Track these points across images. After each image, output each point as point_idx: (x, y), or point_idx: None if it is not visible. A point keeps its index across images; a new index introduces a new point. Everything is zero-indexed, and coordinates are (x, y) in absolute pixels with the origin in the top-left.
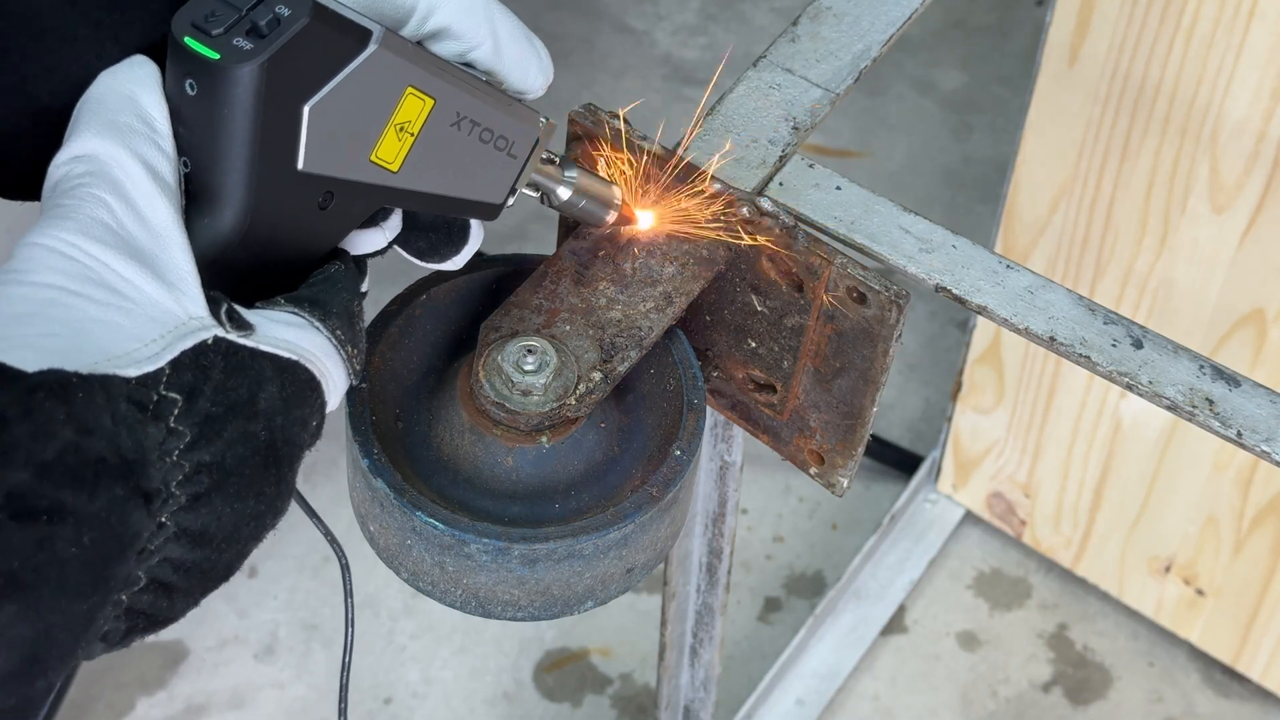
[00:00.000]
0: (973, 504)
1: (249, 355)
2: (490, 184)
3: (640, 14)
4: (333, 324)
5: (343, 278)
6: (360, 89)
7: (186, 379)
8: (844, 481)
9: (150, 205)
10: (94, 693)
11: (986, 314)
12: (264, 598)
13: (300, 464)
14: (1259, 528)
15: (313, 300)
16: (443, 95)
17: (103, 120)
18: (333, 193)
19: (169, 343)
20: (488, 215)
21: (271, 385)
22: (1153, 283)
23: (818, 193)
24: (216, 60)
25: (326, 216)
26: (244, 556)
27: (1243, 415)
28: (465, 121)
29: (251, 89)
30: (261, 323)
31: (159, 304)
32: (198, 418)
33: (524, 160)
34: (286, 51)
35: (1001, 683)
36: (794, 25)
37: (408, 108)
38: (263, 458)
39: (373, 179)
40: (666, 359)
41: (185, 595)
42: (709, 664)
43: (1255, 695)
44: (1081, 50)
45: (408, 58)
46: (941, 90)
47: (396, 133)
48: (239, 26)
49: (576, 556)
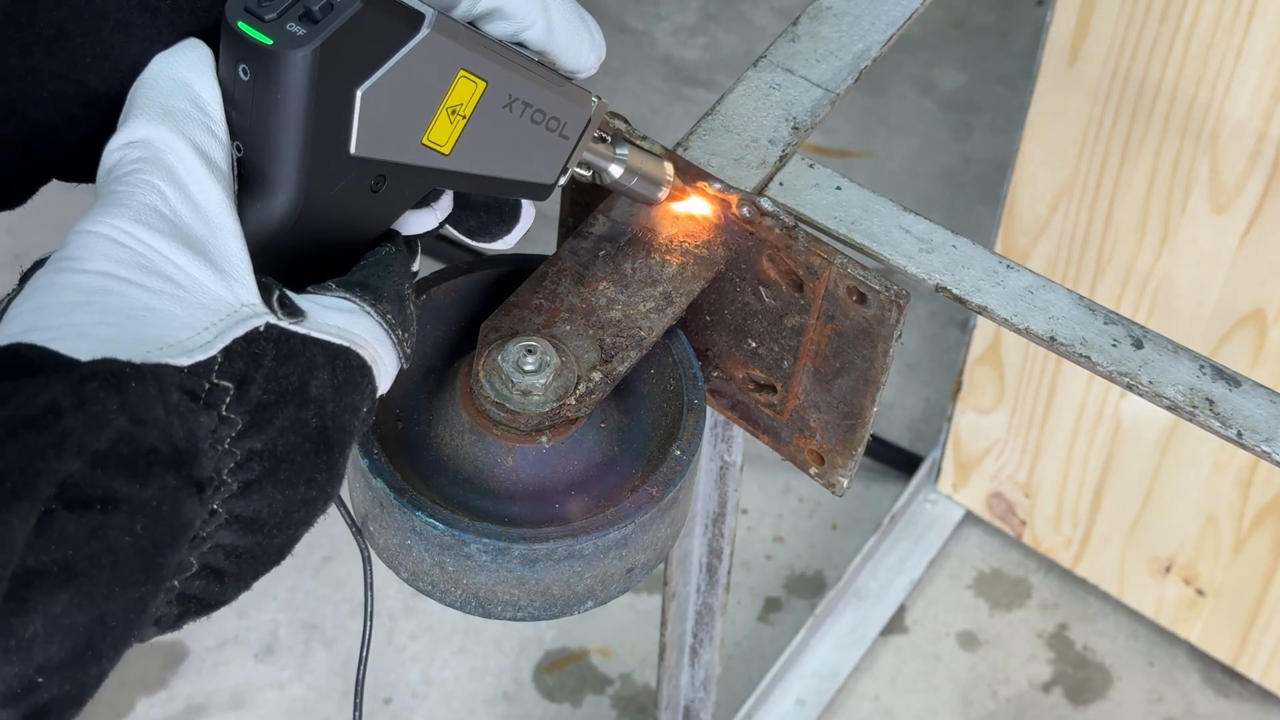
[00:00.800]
0: (973, 504)
1: (300, 342)
2: (542, 164)
3: (640, 14)
4: (384, 308)
5: (394, 260)
6: (413, 73)
7: (239, 367)
8: (844, 481)
9: (203, 191)
10: None
11: (986, 314)
12: (264, 598)
13: (350, 449)
14: (1259, 528)
15: (364, 284)
16: (495, 78)
17: (156, 105)
18: (385, 176)
19: (221, 330)
20: (540, 195)
21: (323, 372)
22: (1153, 283)
23: (818, 193)
24: (270, 45)
25: (379, 199)
26: (295, 541)
27: (1243, 415)
28: (518, 103)
29: (305, 75)
30: (313, 309)
31: (211, 291)
32: (250, 405)
33: (576, 140)
34: (339, 37)
35: (1001, 683)
36: (794, 25)
37: (460, 90)
38: (314, 445)
39: (425, 161)
40: (666, 359)
41: (237, 580)
42: (709, 664)
43: (1255, 695)
44: (1081, 50)
45: (460, 41)
46: (941, 90)
47: (449, 115)
48: (292, 11)
49: (576, 556)
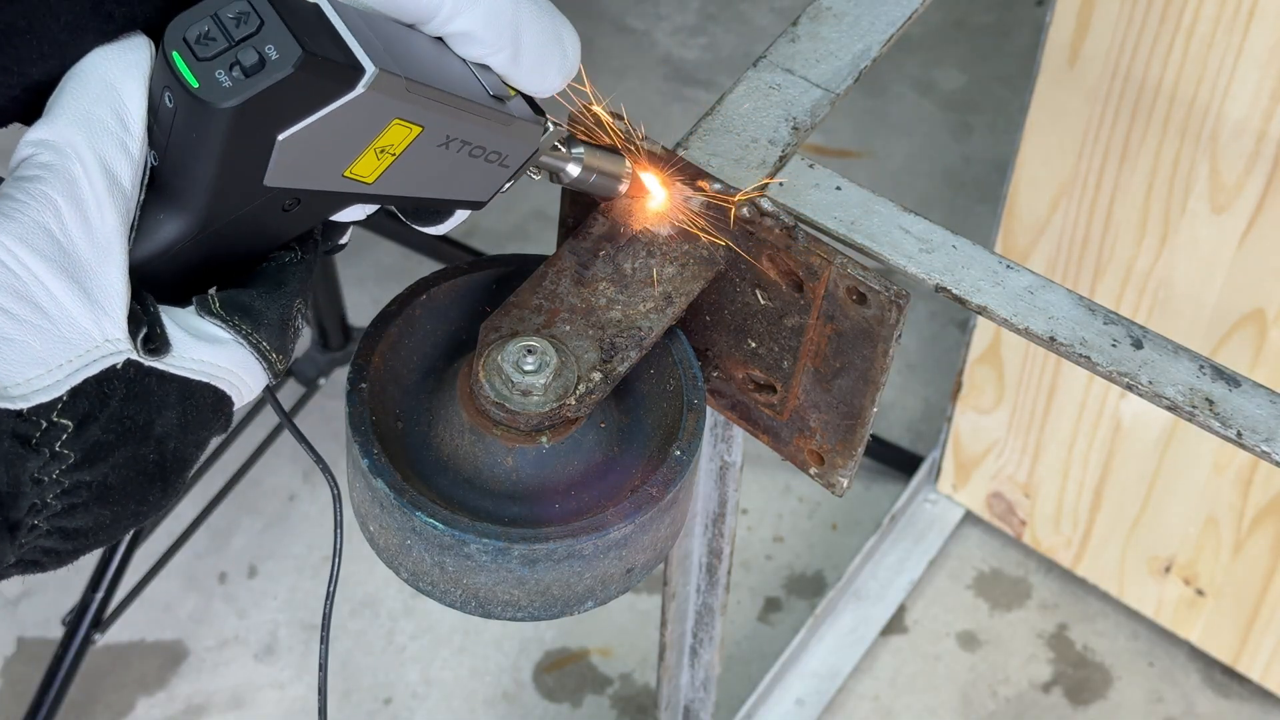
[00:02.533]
0: (973, 504)
1: (156, 380)
2: (476, 187)
3: (640, 14)
4: (260, 336)
5: (292, 273)
6: (340, 122)
7: (83, 406)
8: (844, 482)
9: (100, 212)
10: (94, 693)
11: (986, 314)
12: (264, 598)
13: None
14: (1259, 528)
15: (246, 308)
16: (432, 123)
17: (78, 109)
18: (300, 199)
19: (74, 369)
20: (472, 208)
21: (173, 410)
22: (1153, 283)
23: (818, 193)
24: (194, 88)
25: (291, 217)
26: (121, 536)
27: (1243, 415)
28: (455, 142)
29: (222, 127)
30: (181, 340)
31: (77, 324)
32: (86, 444)
33: (516, 169)
34: (263, 96)
35: (1001, 683)
36: (794, 25)
37: (392, 134)
38: (149, 475)
39: (344, 189)
40: (666, 359)
41: (56, 565)
42: (709, 664)
43: (1255, 695)
44: (1081, 50)
45: (398, 96)
46: (941, 90)
47: (376, 154)
48: (224, 58)
49: (576, 557)
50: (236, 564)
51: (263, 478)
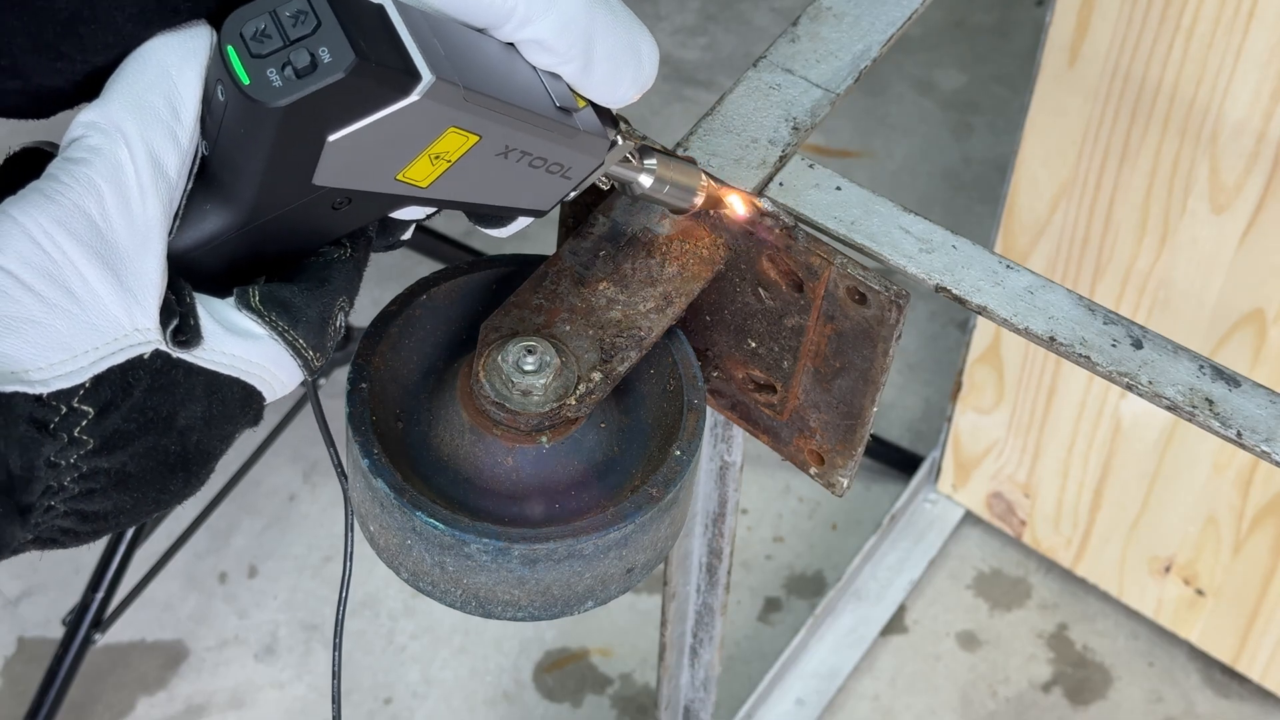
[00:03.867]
0: (973, 504)
1: (183, 372)
2: (536, 197)
3: (640, 14)
4: (298, 333)
5: (338, 271)
6: (393, 128)
7: (105, 394)
8: (844, 481)
9: (143, 200)
10: (94, 693)
11: (986, 314)
12: (264, 598)
13: (217, 462)
14: (1259, 528)
15: (286, 303)
16: (490, 133)
17: (132, 93)
18: (350, 199)
19: (99, 357)
20: (535, 215)
21: (198, 404)
22: (1153, 283)
23: (818, 193)
24: (245, 85)
25: (341, 215)
26: (145, 519)
27: (1243, 415)
28: (514, 152)
29: (271, 125)
30: (214, 333)
31: (108, 312)
32: (106, 431)
33: (580, 180)
34: (313, 99)
35: (1001, 683)
36: (794, 25)
37: (447, 141)
38: (170, 466)
39: (397, 191)
40: (666, 359)
41: (76, 544)
42: (709, 664)
43: (1255, 695)
44: (1081, 50)
45: (454, 105)
46: (941, 90)
47: (431, 160)
48: (278, 57)
49: (576, 556)
50: (236, 564)
51: (263, 478)
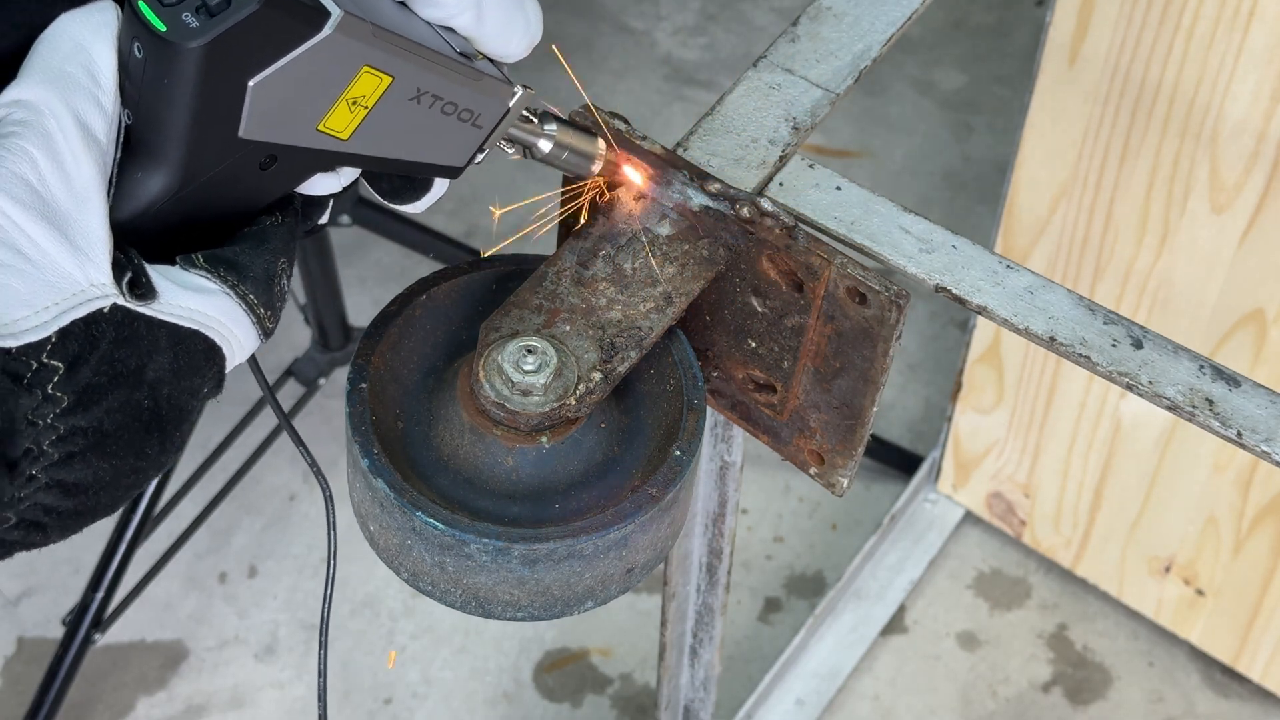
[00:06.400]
0: (973, 504)
1: (145, 325)
2: (451, 150)
3: (640, 14)
4: (246, 288)
5: (273, 234)
6: (310, 68)
7: (72, 348)
8: (844, 481)
9: (77, 163)
10: (94, 693)
11: (986, 314)
12: (264, 598)
13: (191, 423)
14: (1259, 528)
15: (231, 262)
16: (402, 73)
17: (50, 67)
18: (276, 156)
19: (61, 311)
20: (449, 175)
21: (164, 355)
22: (1153, 283)
23: (818, 193)
24: (162, 32)
25: (268, 176)
26: (125, 499)
27: (1243, 415)
28: (426, 96)
29: (192, 67)
30: (168, 289)
31: (61, 269)
32: (78, 385)
33: (490, 129)
34: (231, 35)
35: (1001, 683)
36: (794, 25)
37: (363, 84)
38: (145, 423)
39: (320, 145)
40: (666, 359)
41: (61, 530)
42: (709, 664)
43: (1255, 695)
44: (1081, 50)
45: (365, 40)
46: (941, 90)
47: (349, 105)
48: (190, 2)
49: (576, 557)
50: (236, 564)
51: (263, 478)
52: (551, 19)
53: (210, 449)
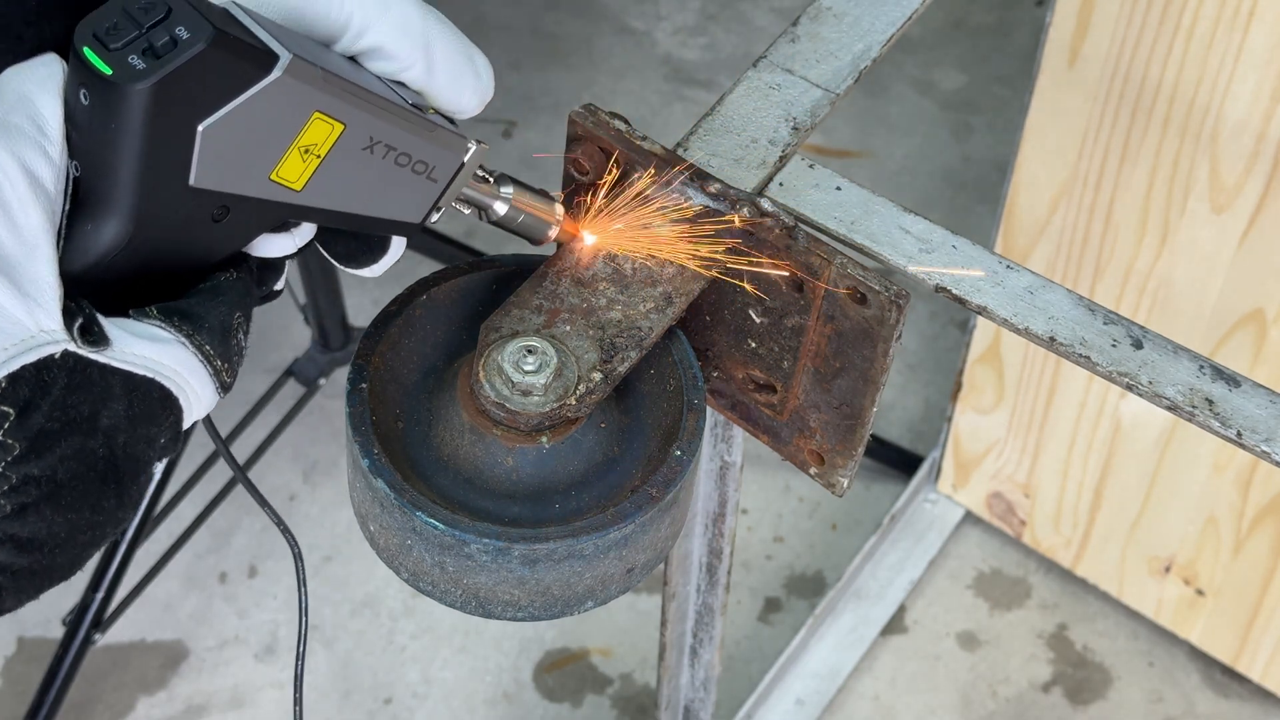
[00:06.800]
0: (973, 504)
1: (98, 371)
2: (407, 205)
3: (640, 14)
4: (202, 338)
5: (228, 288)
6: (261, 112)
7: (23, 393)
8: (844, 481)
9: (24, 211)
10: (94, 693)
11: (986, 314)
12: (264, 598)
13: (148, 476)
14: (1259, 528)
15: (185, 313)
16: (354, 120)
17: None
18: (228, 207)
19: (10, 356)
20: (406, 233)
21: (118, 402)
22: (1153, 283)
23: (818, 193)
24: (108, 75)
25: (221, 228)
26: (83, 560)
27: (1243, 415)
28: (379, 146)
29: (140, 109)
30: (121, 337)
31: (9, 315)
32: (29, 432)
33: (445, 183)
34: (178, 75)
35: (1001, 683)
36: (794, 25)
37: (314, 131)
38: (100, 473)
39: (273, 196)
40: (666, 359)
41: (16, 593)
42: (709, 664)
43: (1255, 695)
44: (1081, 50)
45: (315, 84)
46: (941, 90)
47: (301, 154)
48: (136, 44)
49: (576, 557)
50: (236, 564)
51: (263, 478)
52: (552, 19)
53: (210, 449)
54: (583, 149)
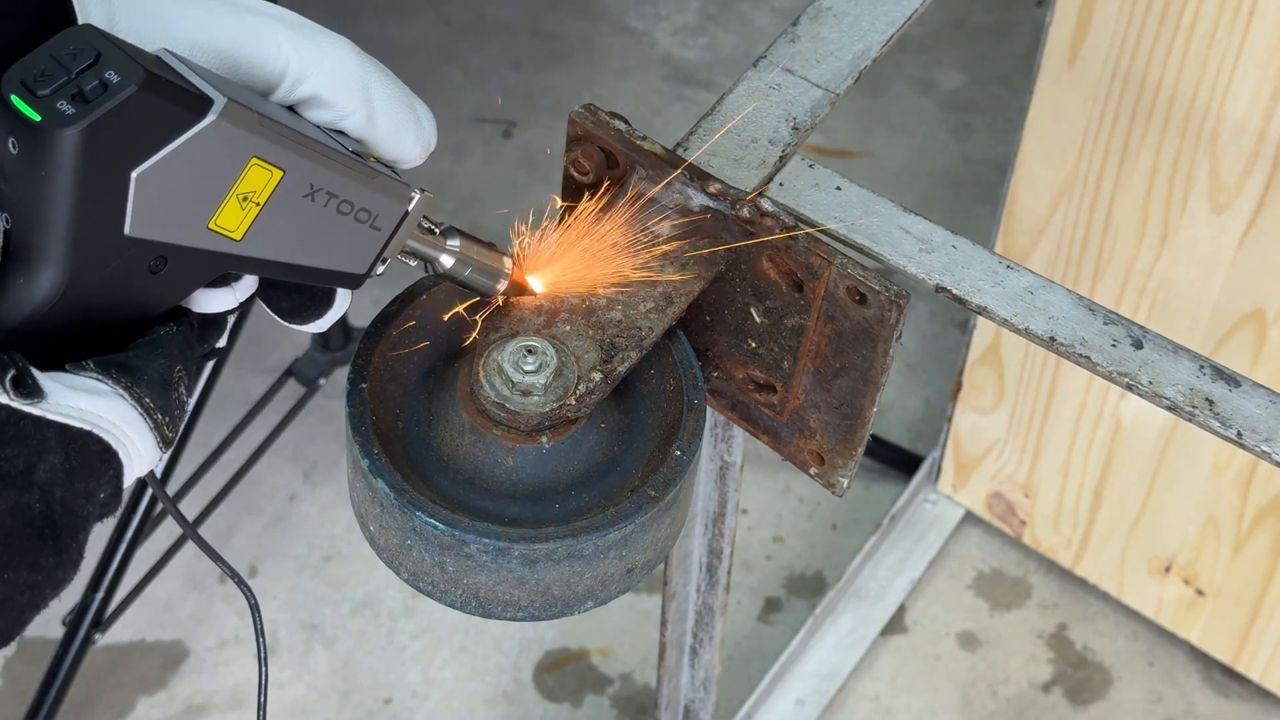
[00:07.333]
0: (973, 504)
1: (32, 424)
2: (351, 255)
3: (640, 14)
4: (141, 391)
5: (167, 342)
6: (196, 158)
7: None
8: (844, 481)
9: None
10: (94, 693)
11: (986, 314)
12: (264, 598)
13: (87, 534)
14: (1259, 528)
15: (123, 365)
16: (293, 167)
17: None
18: (166, 258)
19: None
20: (350, 284)
21: (54, 456)
22: (1153, 283)
23: (818, 193)
24: (37, 122)
25: (159, 280)
26: (21, 625)
27: (1243, 415)
28: (321, 193)
29: (70, 155)
30: (56, 390)
31: None
32: None
33: (390, 232)
34: (109, 119)
35: (1001, 683)
36: (794, 25)
37: (252, 178)
38: (37, 529)
39: (212, 246)
40: (666, 359)
41: None
42: (709, 664)
43: (1255, 695)
44: (1081, 50)
45: (252, 129)
46: (941, 90)
47: (240, 202)
48: (65, 89)
49: (576, 557)
50: (236, 564)
51: (263, 478)
52: (552, 19)
53: (210, 449)
54: (583, 149)
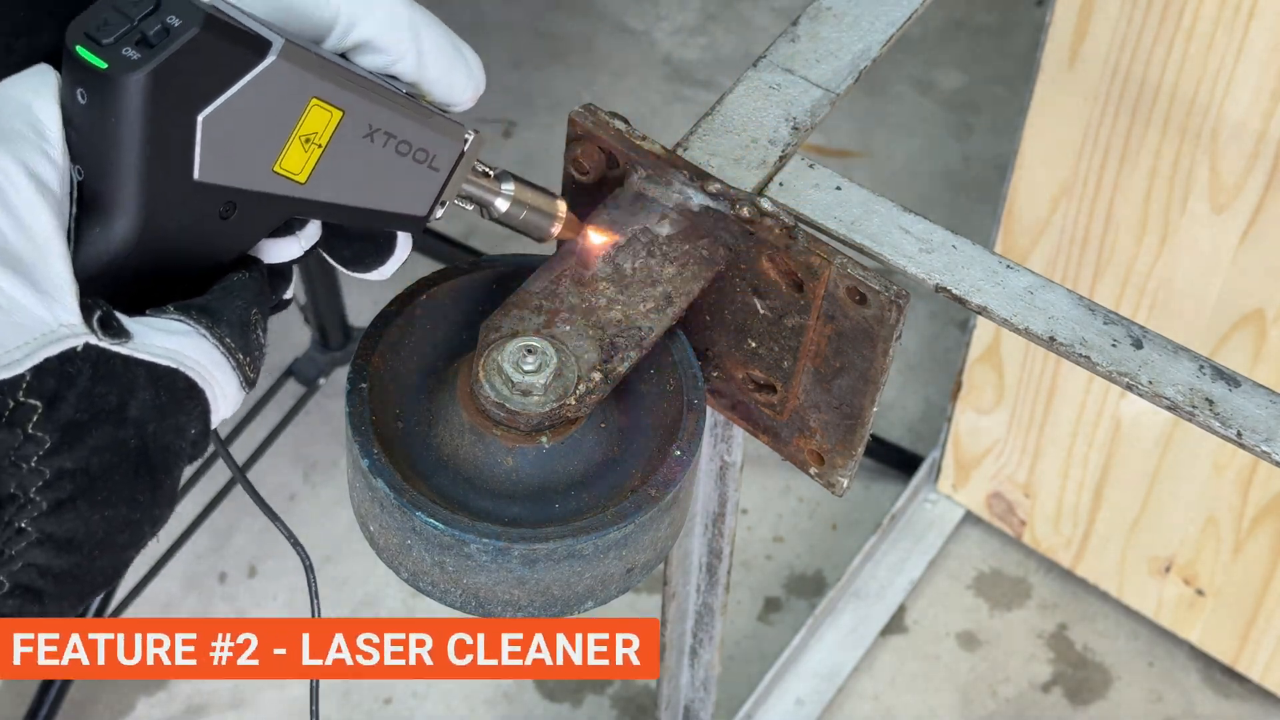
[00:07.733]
0: (973, 504)
1: (121, 363)
2: (411, 196)
3: (640, 14)
4: (221, 331)
5: (242, 287)
6: (259, 100)
7: (49, 385)
8: (844, 481)
9: (32, 213)
10: (94, 693)
11: (986, 314)
12: (264, 598)
13: (181, 471)
14: (1259, 528)
15: (203, 308)
16: (352, 107)
17: None
18: (235, 203)
19: (32, 349)
20: (413, 228)
21: (144, 392)
22: (1152, 283)
23: (818, 193)
24: (104, 69)
25: (229, 225)
26: (124, 564)
27: (1243, 415)
28: (380, 134)
29: (138, 100)
30: (141, 330)
31: (29, 311)
32: (59, 424)
33: (447, 173)
34: (173, 62)
35: (1001, 683)
36: (794, 25)
37: (313, 119)
38: (133, 465)
39: (278, 189)
40: (666, 359)
41: (58, 599)
42: (709, 664)
43: (1255, 695)
44: (1081, 50)
45: (311, 69)
46: (941, 90)
47: (303, 144)
48: (129, 36)
49: (576, 557)
50: (236, 564)
51: (263, 478)
52: (552, 19)
53: (209, 449)
54: (583, 149)
